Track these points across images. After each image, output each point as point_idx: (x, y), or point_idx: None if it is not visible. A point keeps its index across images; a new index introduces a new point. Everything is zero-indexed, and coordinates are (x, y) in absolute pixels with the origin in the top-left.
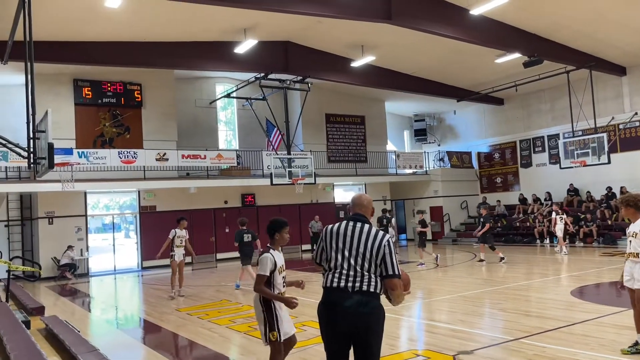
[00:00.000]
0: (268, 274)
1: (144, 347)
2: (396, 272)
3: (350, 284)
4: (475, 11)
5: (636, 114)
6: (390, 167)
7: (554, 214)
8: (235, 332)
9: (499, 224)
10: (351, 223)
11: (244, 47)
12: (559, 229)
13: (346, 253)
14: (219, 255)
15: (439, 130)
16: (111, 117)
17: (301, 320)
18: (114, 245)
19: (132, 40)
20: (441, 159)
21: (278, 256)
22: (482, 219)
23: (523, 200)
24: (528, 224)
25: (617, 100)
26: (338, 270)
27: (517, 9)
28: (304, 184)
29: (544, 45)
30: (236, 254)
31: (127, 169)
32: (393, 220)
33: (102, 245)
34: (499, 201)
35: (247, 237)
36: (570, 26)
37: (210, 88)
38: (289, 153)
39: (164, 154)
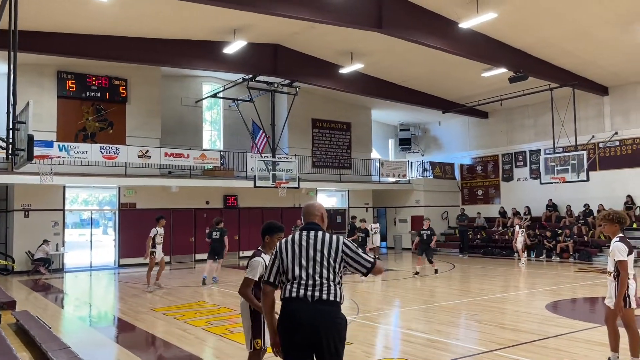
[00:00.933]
0: (257, 278)
1: (117, 346)
2: (371, 262)
3: (309, 293)
4: (464, 25)
5: (616, 133)
6: (374, 175)
7: (517, 227)
8: (211, 334)
9: (478, 236)
10: (305, 233)
11: (233, 47)
12: (519, 242)
13: (303, 263)
14: (198, 256)
15: (423, 141)
16: (94, 112)
17: None
18: (91, 241)
19: (120, 35)
20: (424, 169)
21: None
22: (424, 232)
23: (503, 213)
24: (507, 237)
25: (598, 119)
26: (297, 281)
27: (505, 24)
28: (288, 187)
29: (530, 61)
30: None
31: (108, 164)
32: (374, 225)
33: (79, 240)
34: (479, 213)
35: (215, 234)
36: (555, 44)
37: (197, 87)
38: (273, 156)
39: (147, 151)
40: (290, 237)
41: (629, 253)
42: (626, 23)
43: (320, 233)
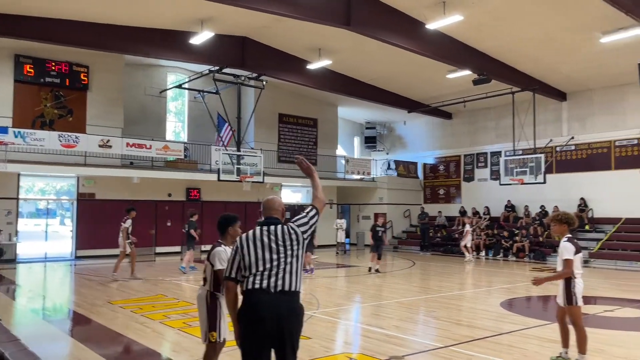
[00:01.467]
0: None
1: (71, 340)
2: (312, 206)
3: (272, 284)
4: (431, 26)
5: (572, 138)
6: (339, 172)
7: (467, 226)
8: (169, 327)
9: (438, 234)
10: (265, 228)
11: (200, 38)
12: (468, 240)
13: (267, 256)
14: (159, 249)
15: (389, 139)
16: (53, 98)
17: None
18: (46, 231)
19: (82, 20)
20: (389, 168)
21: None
22: (379, 229)
23: (463, 212)
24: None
25: (556, 123)
26: (259, 273)
27: (470, 27)
28: (252, 182)
29: (493, 65)
30: (176, 249)
31: (67, 153)
32: (339, 221)
33: (35, 230)
34: (440, 212)
35: (185, 227)
36: (518, 49)
37: (162, 77)
38: (238, 150)
39: (108, 140)
40: (250, 232)
41: (576, 252)
42: (586, 31)
43: (279, 227)
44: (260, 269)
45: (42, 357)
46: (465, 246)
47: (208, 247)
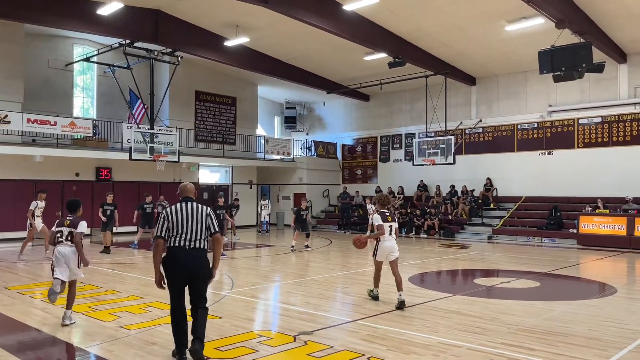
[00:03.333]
0: (85, 230)
1: None
2: (217, 230)
3: (188, 244)
4: (348, 7)
5: (480, 121)
6: (259, 152)
7: (369, 207)
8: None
9: (355, 214)
10: (184, 204)
11: (109, 9)
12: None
13: (185, 223)
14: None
15: (308, 120)
16: None
17: (147, 302)
18: None
19: None
20: (308, 148)
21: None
22: (303, 212)
23: (379, 192)
24: None
25: (466, 107)
26: (180, 235)
27: (386, 10)
28: (167, 161)
29: (408, 48)
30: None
31: None
32: (263, 202)
33: None
34: (357, 192)
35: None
36: (432, 34)
37: (67, 49)
38: (152, 127)
39: (6, 115)
40: (176, 206)
41: (384, 222)
42: (491, 20)
43: (194, 204)
44: (180, 231)
45: None
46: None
47: (121, 228)
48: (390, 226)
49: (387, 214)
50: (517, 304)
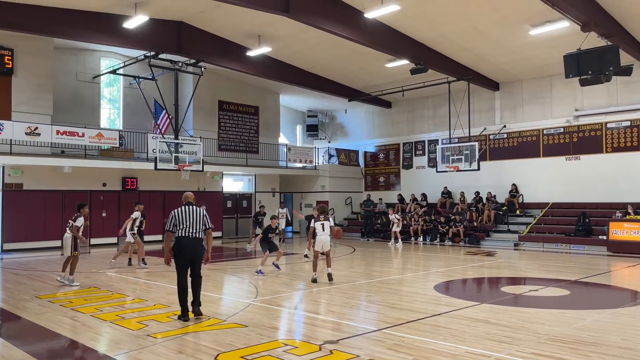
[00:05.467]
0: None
1: None
2: (210, 226)
3: (190, 234)
4: (370, 15)
5: (504, 126)
6: (281, 160)
7: (391, 216)
8: (101, 320)
9: (378, 221)
10: (187, 207)
11: (134, 22)
12: (396, 227)
13: (188, 220)
14: (94, 241)
15: (330, 128)
16: None
17: (173, 310)
18: None
19: (5, 0)
20: (330, 156)
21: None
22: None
23: (401, 199)
24: (405, 222)
25: (490, 112)
26: (184, 228)
27: (408, 17)
28: (191, 170)
29: (430, 54)
30: (112, 240)
31: None
32: (281, 210)
33: None
34: (380, 199)
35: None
36: (453, 40)
37: (95, 62)
38: (176, 137)
39: (36, 127)
40: (181, 208)
41: (315, 222)
42: (514, 24)
43: (194, 207)
44: (184, 226)
45: None
46: (394, 232)
47: (148, 237)
48: (322, 224)
49: (322, 217)
50: (546, 312)
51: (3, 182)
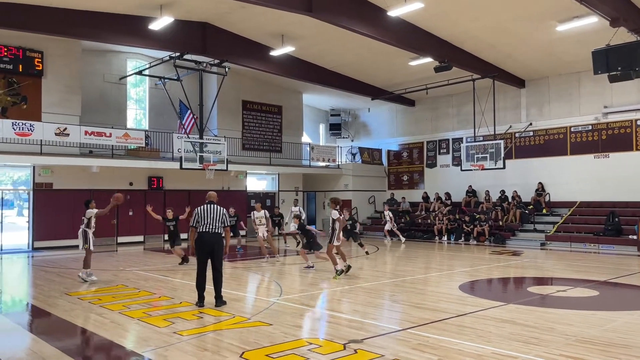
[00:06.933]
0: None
1: (27, 334)
2: (228, 224)
3: (210, 229)
4: (393, 13)
5: (530, 124)
6: (304, 159)
7: (385, 213)
8: (129, 317)
9: (402, 220)
10: (209, 205)
11: (159, 24)
12: (389, 225)
13: (210, 217)
14: (121, 239)
15: (353, 126)
16: (6, 85)
17: (199, 308)
18: (1, 222)
19: (34, 4)
20: (353, 154)
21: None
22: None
23: (426, 198)
24: (429, 221)
25: (515, 110)
26: (206, 224)
27: (431, 15)
28: (216, 170)
29: (454, 52)
30: (138, 239)
31: (22, 142)
32: (294, 208)
33: None
34: (403, 198)
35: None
36: (478, 37)
37: (121, 63)
38: (201, 137)
39: (65, 128)
40: (204, 206)
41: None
42: (541, 20)
43: (215, 205)
44: (205, 222)
45: None
46: (388, 230)
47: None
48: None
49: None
50: (574, 313)
51: (34, 182)
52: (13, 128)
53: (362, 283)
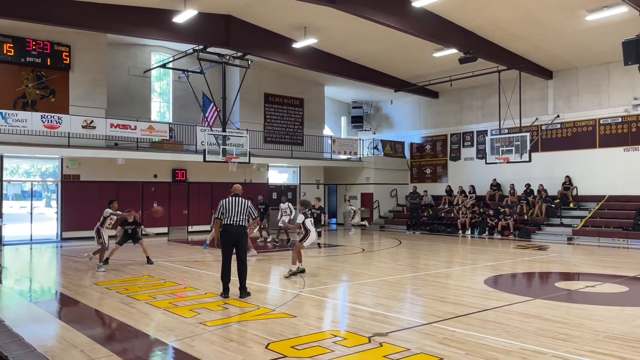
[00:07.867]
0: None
1: (57, 321)
2: (255, 216)
3: (235, 222)
4: (417, 3)
5: (558, 116)
6: (326, 152)
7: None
8: (155, 307)
9: (425, 213)
10: (234, 197)
11: (183, 17)
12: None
13: (235, 209)
14: (145, 230)
15: (375, 119)
16: (35, 78)
17: (224, 299)
18: (31, 213)
19: None
20: (375, 147)
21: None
22: (315, 211)
23: (449, 191)
24: (452, 214)
25: (542, 102)
26: (231, 216)
27: (456, 5)
28: (238, 163)
29: (479, 43)
30: (163, 230)
31: (50, 134)
32: (285, 206)
33: (21, 213)
34: (426, 191)
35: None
36: (504, 27)
37: (145, 56)
38: (224, 130)
39: (92, 121)
40: (229, 198)
41: (306, 217)
42: (570, 10)
43: (239, 198)
44: (230, 214)
45: (29, 338)
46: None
47: (196, 227)
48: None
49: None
50: (604, 309)
51: (62, 174)
52: (42, 121)
53: (384, 276)
